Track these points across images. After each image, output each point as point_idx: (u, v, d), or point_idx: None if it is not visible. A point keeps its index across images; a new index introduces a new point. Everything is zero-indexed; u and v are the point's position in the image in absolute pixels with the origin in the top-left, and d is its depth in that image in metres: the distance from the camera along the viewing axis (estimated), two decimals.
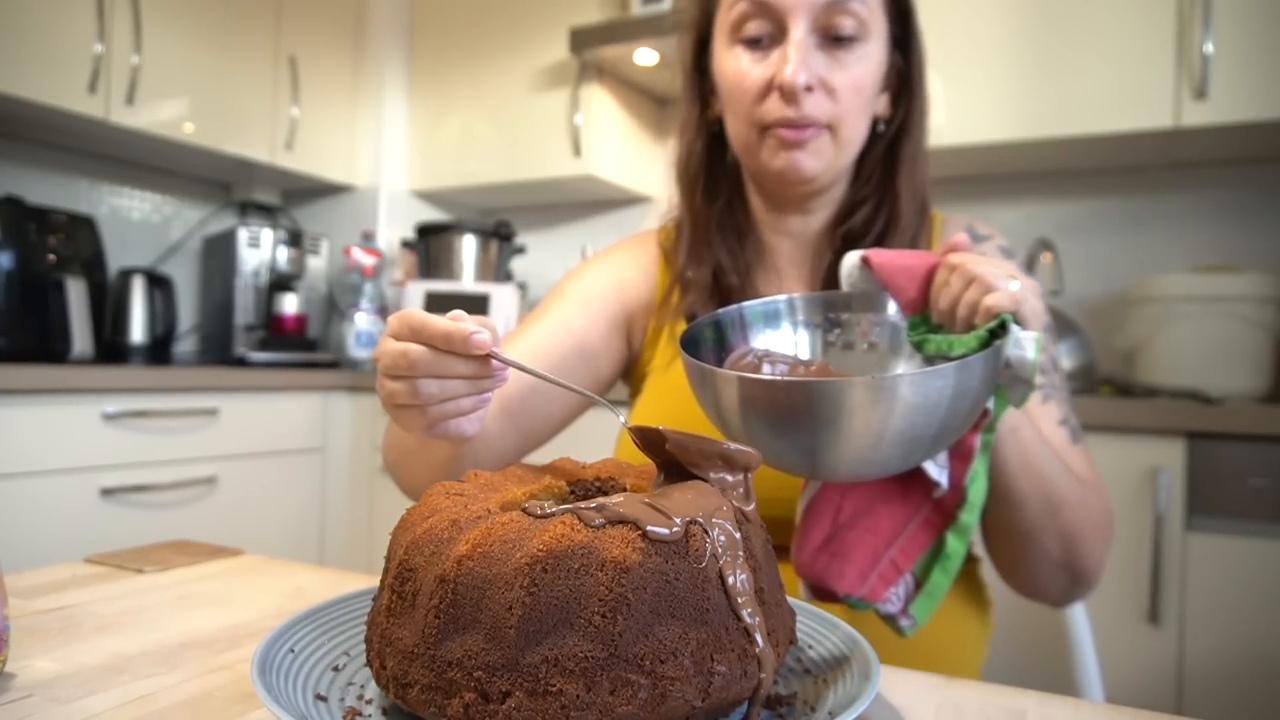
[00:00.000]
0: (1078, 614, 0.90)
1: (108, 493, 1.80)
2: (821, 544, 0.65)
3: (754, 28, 0.76)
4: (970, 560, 0.82)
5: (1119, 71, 1.78)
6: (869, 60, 0.77)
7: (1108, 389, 1.86)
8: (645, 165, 2.63)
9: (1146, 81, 1.75)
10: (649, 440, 0.46)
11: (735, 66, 0.78)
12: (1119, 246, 2.10)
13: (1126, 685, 1.49)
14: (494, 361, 0.51)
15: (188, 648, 0.53)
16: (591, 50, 2.26)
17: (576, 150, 2.39)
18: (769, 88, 0.76)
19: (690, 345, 0.64)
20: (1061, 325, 1.89)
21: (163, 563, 0.74)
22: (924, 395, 0.51)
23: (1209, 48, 1.68)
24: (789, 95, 0.74)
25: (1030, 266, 2.02)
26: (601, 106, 2.41)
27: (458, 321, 0.49)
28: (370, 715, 0.41)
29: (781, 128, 0.76)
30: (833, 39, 0.75)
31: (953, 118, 1.91)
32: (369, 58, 2.71)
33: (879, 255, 0.65)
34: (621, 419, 0.52)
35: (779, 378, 0.54)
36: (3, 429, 1.63)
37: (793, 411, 0.53)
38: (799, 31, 0.74)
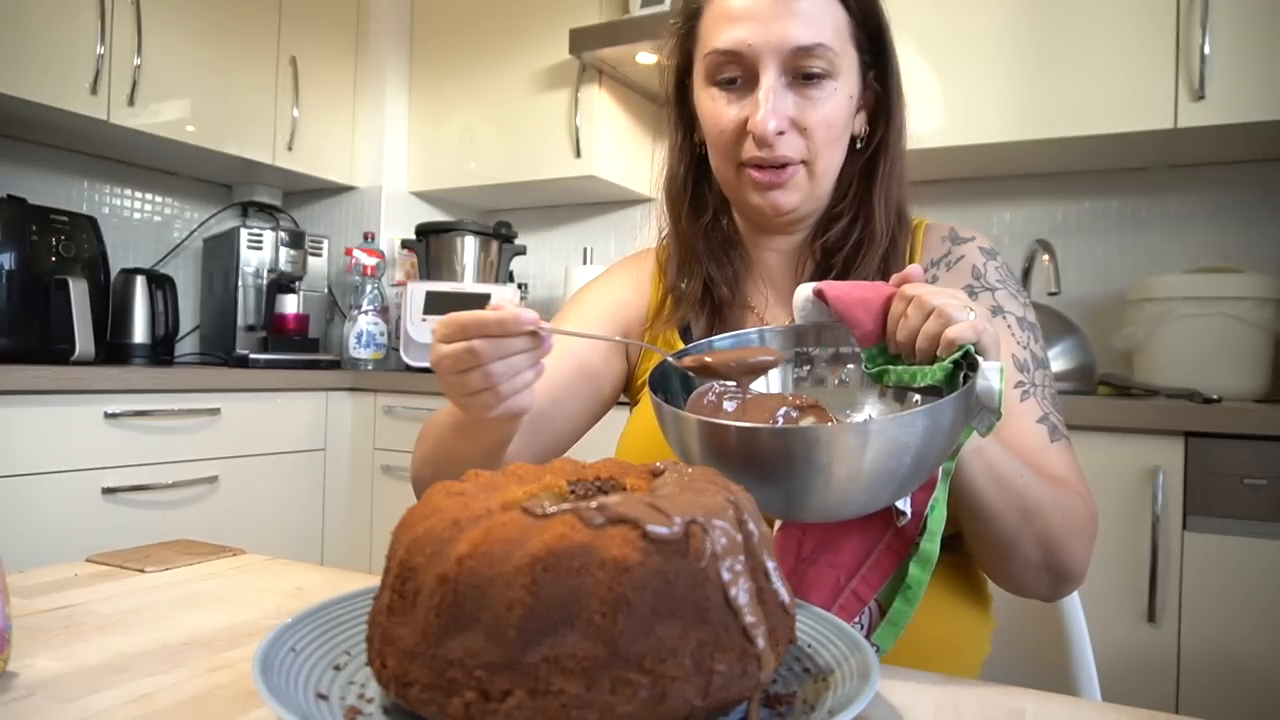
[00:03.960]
0: (1075, 613, 0.90)
1: (109, 492, 1.80)
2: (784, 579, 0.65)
3: (728, 71, 0.80)
4: (968, 556, 0.82)
5: (1117, 73, 1.78)
6: (839, 95, 0.80)
7: (1106, 389, 1.86)
8: (645, 166, 2.63)
9: (1145, 83, 1.75)
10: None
11: (711, 108, 0.82)
12: (1118, 247, 2.10)
13: (1124, 684, 1.49)
14: (542, 332, 0.60)
15: (189, 647, 0.54)
16: (591, 51, 2.26)
17: (577, 151, 2.40)
18: (744, 130, 0.79)
19: (658, 380, 0.65)
20: (1060, 325, 1.89)
21: (164, 562, 0.74)
22: (895, 438, 0.51)
23: (1207, 49, 1.68)
24: (760, 140, 0.78)
25: (1029, 267, 2.02)
26: (602, 107, 2.41)
27: (501, 309, 0.58)
28: (371, 714, 0.41)
29: (756, 169, 0.80)
30: (803, 77, 0.78)
31: (952, 118, 1.92)
32: (369, 58, 2.71)
33: (833, 288, 0.65)
34: (669, 358, 0.60)
35: (734, 423, 0.54)
36: (6, 429, 1.63)
37: (750, 458, 0.53)
38: (769, 78, 0.77)
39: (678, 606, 0.37)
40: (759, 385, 0.69)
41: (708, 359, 0.53)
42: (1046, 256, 1.94)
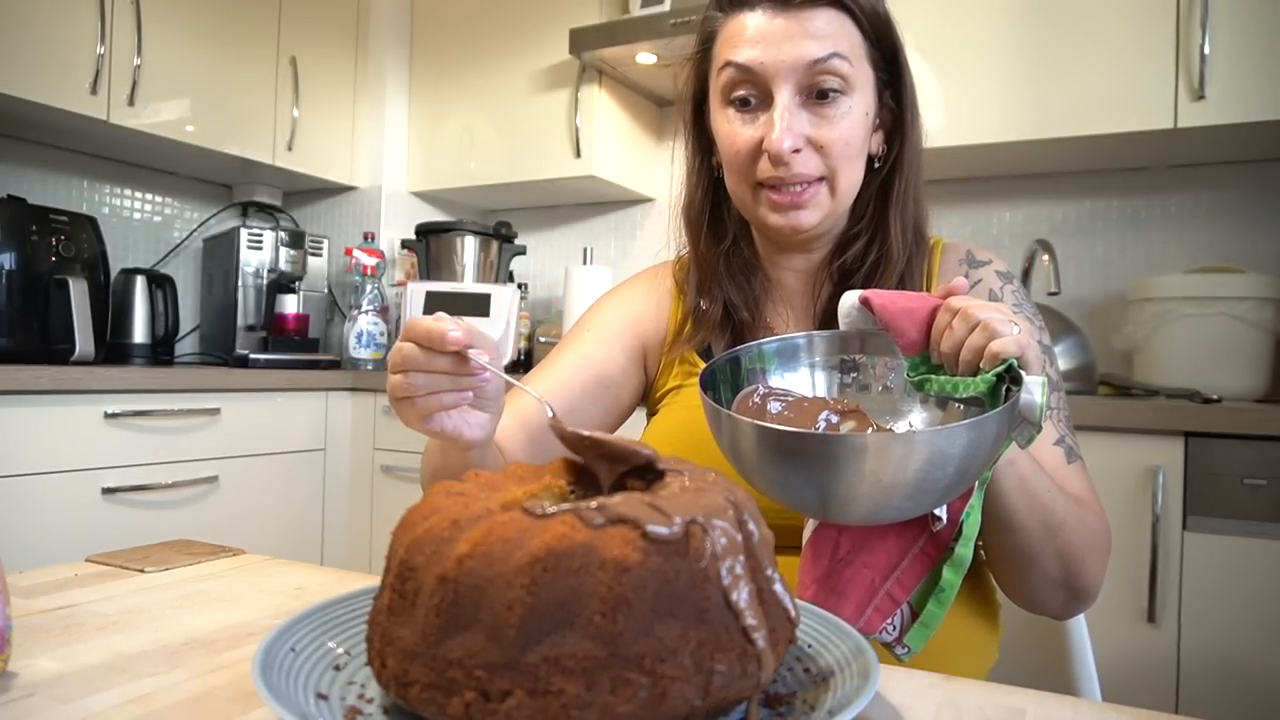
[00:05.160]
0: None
1: (109, 492, 1.80)
2: (821, 579, 0.66)
3: (742, 90, 0.80)
4: (980, 565, 0.83)
5: (1117, 73, 1.78)
6: (855, 112, 0.79)
7: (1106, 389, 1.86)
8: (646, 166, 2.63)
9: (1145, 83, 1.75)
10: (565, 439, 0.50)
11: (727, 128, 0.82)
12: (1117, 247, 2.10)
13: (1124, 684, 1.49)
14: (473, 363, 0.60)
15: (189, 647, 0.54)
16: (591, 51, 2.26)
17: (577, 151, 2.40)
18: (759, 149, 0.79)
19: (708, 379, 0.66)
20: (1060, 326, 1.89)
21: (164, 562, 0.74)
22: (940, 448, 0.52)
23: (1207, 49, 1.68)
24: (776, 160, 0.78)
25: (1029, 267, 2.02)
26: (602, 107, 2.41)
27: (439, 322, 0.59)
28: (371, 714, 0.41)
29: (774, 190, 0.80)
30: (818, 94, 0.78)
31: (953, 118, 1.91)
32: (369, 58, 2.71)
33: (879, 297, 0.66)
34: (550, 411, 0.58)
35: (785, 428, 0.55)
36: (6, 429, 1.63)
37: (798, 462, 0.55)
38: (784, 96, 0.77)
39: (678, 606, 0.37)
40: (804, 389, 0.71)
41: (585, 433, 0.50)
42: (1046, 256, 1.94)
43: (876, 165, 0.86)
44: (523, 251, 2.69)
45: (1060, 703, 0.48)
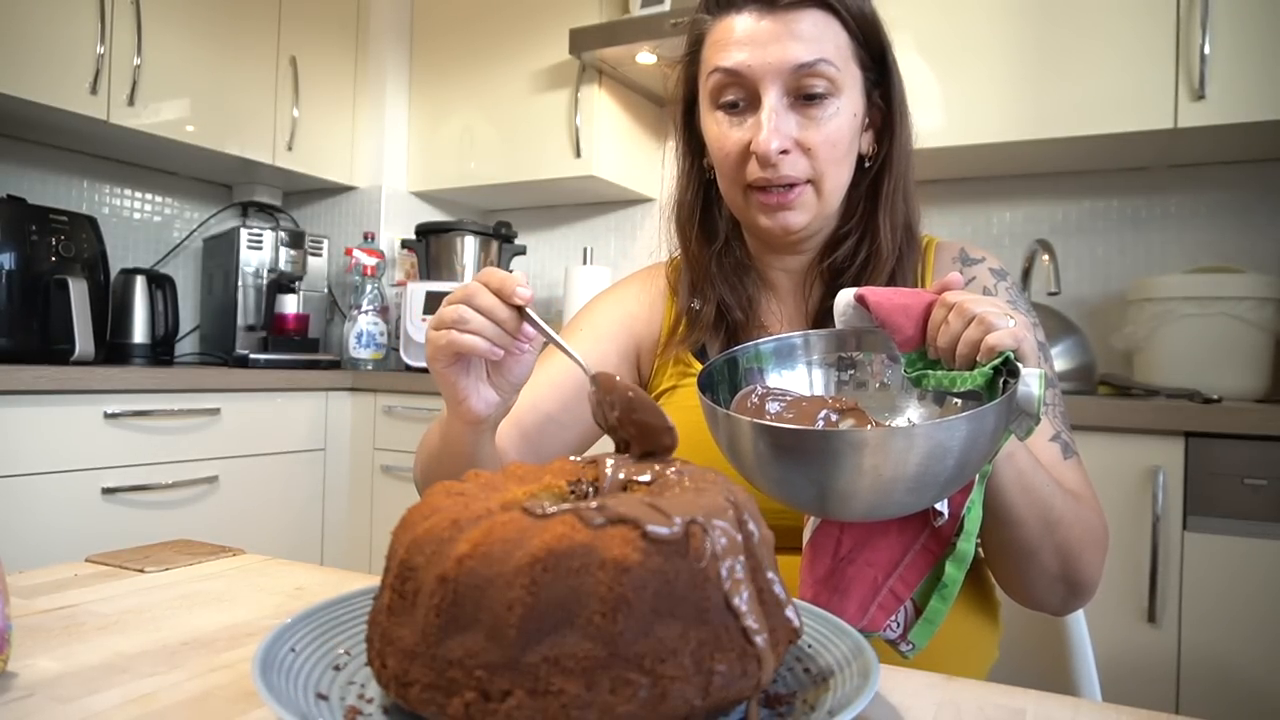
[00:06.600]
0: (1076, 614, 0.90)
1: (109, 492, 1.80)
2: (824, 578, 0.67)
3: (731, 94, 0.81)
4: (979, 562, 0.83)
5: (1117, 73, 1.78)
6: (842, 114, 0.80)
7: (1106, 389, 1.86)
8: (646, 166, 2.63)
9: (1145, 83, 1.75)
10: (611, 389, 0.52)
11: (716, 131, 0.83)
12: (1117, 247, 2.10)
13: (1124, 685, 1.49)
14: (525, 327, 0.64)
15: (189, 647, 0.54)
16: (591, 51, 2.26)
17: (577, 151, 2.40)
18: (748, 152, 0.80)
19: (706, 380, 0.66)
20: (1060, 326, 1.89)
21: (164, 562, 0.74)
22: (939, 442, 0.52)
23: (1207, 49, 1.68)
24: (763, 161, 0.78)
25: (1029, 267, 2.02)
26: (602, 107, 2.41)
27: (512, 274, 0.63)
28: (371, 714, 0.41)
29: (762, 192, 0.80)
30: (805, 97, 0.78)
31: (953, 118, 1.91)
32: (369, 58, 2.71)
33: (875, 294, 0.66)
34: (589, 373, 0.59)
35: (784, 425, 0.55)
36: (5, 429, 1.63)
37: (797, 459, 0.54)
38: (771, 98, 0.78)
39: (678, 606, 0.37)
40: (801, 387, 0.71)
41: (628, 386, 0.52)
42: (1046, 256, 1.94)
43: (867, 165, 0.86)
44: (523, 251, 2.69)
45: (1060, 703, 0.48)
